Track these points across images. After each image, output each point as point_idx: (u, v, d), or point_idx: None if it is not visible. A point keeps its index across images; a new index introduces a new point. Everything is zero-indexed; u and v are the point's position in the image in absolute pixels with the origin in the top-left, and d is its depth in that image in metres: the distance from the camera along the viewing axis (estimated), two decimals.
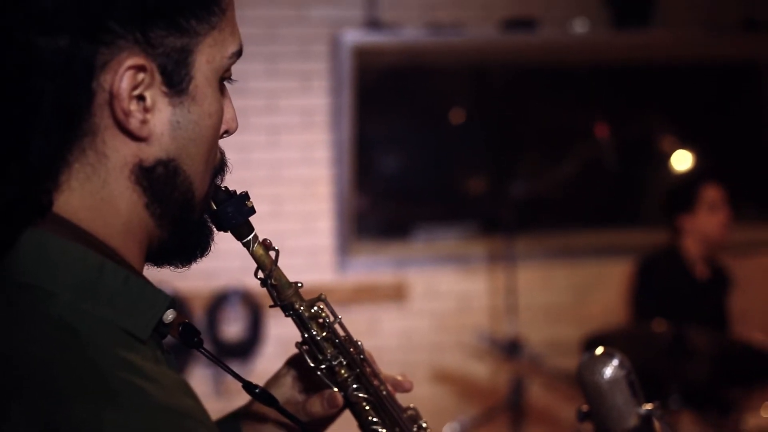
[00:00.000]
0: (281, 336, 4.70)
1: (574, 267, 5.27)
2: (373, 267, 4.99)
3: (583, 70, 5.60)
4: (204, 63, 1.07)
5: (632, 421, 1.55)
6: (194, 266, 1.18)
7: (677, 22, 5.15)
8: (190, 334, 1.15)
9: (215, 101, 1.10)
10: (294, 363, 1.40)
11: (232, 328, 4.78)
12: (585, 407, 1.61)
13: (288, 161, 4.78)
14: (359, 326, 4.91)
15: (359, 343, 1.33)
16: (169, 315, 1.09)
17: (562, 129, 5.68)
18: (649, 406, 1.57)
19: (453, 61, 5.32)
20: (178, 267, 1.17)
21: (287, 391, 1.38)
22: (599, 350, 1.60)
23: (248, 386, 1.25)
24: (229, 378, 1.30)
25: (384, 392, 1.34)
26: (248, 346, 4.76)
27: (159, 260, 1.15)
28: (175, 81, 1.04)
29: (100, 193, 1.04)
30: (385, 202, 5.59)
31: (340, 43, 4.63)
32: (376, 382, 1.34)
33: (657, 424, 1.59)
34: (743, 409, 4.52)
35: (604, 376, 1.56)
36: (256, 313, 4.73)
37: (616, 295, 5.21)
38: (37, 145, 0.99)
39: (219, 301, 4.72)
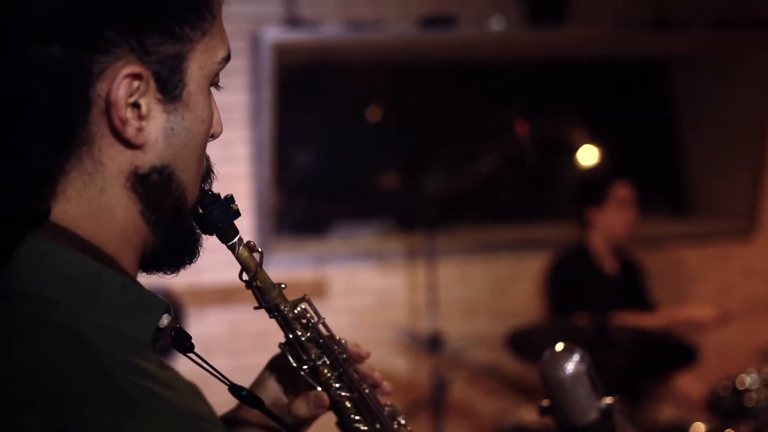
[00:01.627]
0: (202, 336, 4.66)
1: (492, 262, 5.33)
2: (293, 264, 4.98)
3: (500, 67, 5.66)
4: (196, 69, 1.08)
5: (593, 415, 1.59)
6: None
7: (591, 19, 5.23)
8: (182, 339, 1.16)
9: (207, 107, 1.11)
10: (275, 365, 1.40)
11: None
12: (546, 402, 1.64)
13: None
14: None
15: (343, 341, 1.34)
16: (164, 320, 1.09)
17: (478, 125, 5.74)
18: (609, 400, 1.61)
19: (371, 58, 5.34)
20: (167, 273, 1.17)
21: (271, 393, 1.39)
22: (560, 346, 1.63)
23: (235, 389, 1.26)
24: (211, 382, 1.30)
25: (366, 390, 1.35)
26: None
27: (149, 266, 1.15)
28: (170, 88, 1.05)
29: (97, 201, 1.04)
30: (303, 199, 5.58)
31: (260, 39, 4.61)
32: (358, 381, 1.35)
33: (616, 417, 1.63)
34: (658, 399, 4.63)
35: (566, 372, 1.59)
36: (177, 313, 4.68)
37: (535, 289, 5.29)
38: (34, 153, 0.99)
39: None
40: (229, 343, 4.77)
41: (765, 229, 5.74)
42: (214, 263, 4.70)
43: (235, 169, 4.76)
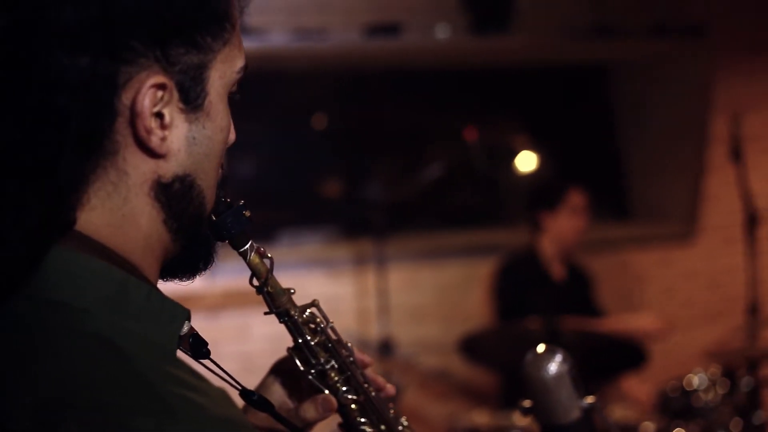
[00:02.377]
0: None
1: (441, 267, 5.37)
2: (240, 272, 4.92)
3: (444, 75, 5.71)
4: (217, 79, 1.09)
5: (575, 414, 1.62)
6: None
7: (534, 27, 5.30)
8: (199, 346, 1.17)
9: (226, 115, 1.12)
10: (280, 369, 1.42)
11: None
12: (527, 402, 1.66)
13: None
14: (229, 332, 4.89)
15: (350, 344, 1.37)
16: (185, 327, 1.10)
17: (423, 132, 5.79)
18: (590, 400, 1.64)
19: (317, 66, 5.36)
20: (183, 280, 1.18)
21: (278, 397, 1.40)
22: (542, 347, 1.66)
23: (246, 393, 1.27)
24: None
25: (372, 393, 1.37)
26: None
27: (167, 273, 1.16)
28: (192, 97, 1.06)
29: (121, 210, 1.05)
30: (249, 206, 5.56)
31: None
32: (365, 384, 1.37)
33: (597, 416, 1.67)
34: (608, 400, 4.70)
35: (549, 372, 1.61)
36: None
37: (484, 294, 5.33)
38: (62, 164, 0.99)
39: None
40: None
41: (705, 232, 5.85)
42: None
43: None
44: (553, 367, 1.64)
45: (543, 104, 5.97)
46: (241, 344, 4.86)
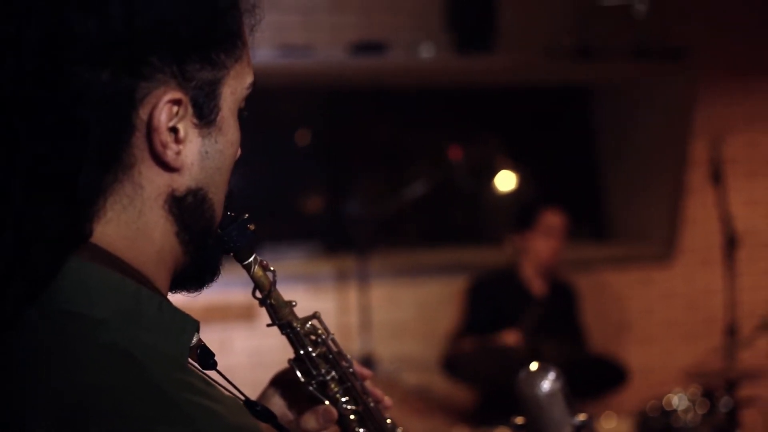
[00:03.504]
0: None
1: (422, 285, 5.40)
2: (223, 287, 4.91)
3: (428, 93, 5.75)
4: (229, 94, 1.11)
5: (567, 431, 1.63)
6: None
7: (516, 48, 5.35)
8: (206, 356, 1.19)
9: (236, 130, 1.15)
10: (280, 381, 1.45)
11: None
12: (519, 419, 1.67)
13: None
14: (211, 345, 4.87)
15: (350, 357, 1.39)
16: (195, 338, 1.12)
17: (406, 150, 5.82)
18: (582, 417, 1.66)
19: (302, 83, 5.38)
20: (191, 291, 1.20)
21: (278, 409, 1.42)
22: (535, 365, 1.68)
23: (249, 404, 1.28)
24: None
25: (371, 404, 1.40)
26: None
27: (175, 286, 1.18)
28: (205, 113, 1.08)
29: (136, 223, 1.06)
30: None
31: None
32: (364, 395, 1.39)
33: None
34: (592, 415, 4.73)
35: (543, 390, 1.63)
36: None
37: (459, 312, 5.36)
38: (76, 177, 1.01)
39: None
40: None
41: (684, 254, 5.89)
42: None
43: None
44: (546, 384, 1.65)
45: (525, 124, 6.01)
46: (223, 358, 4.85)
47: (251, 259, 1.28)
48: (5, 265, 1.00)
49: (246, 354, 5.01)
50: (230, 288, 4.86)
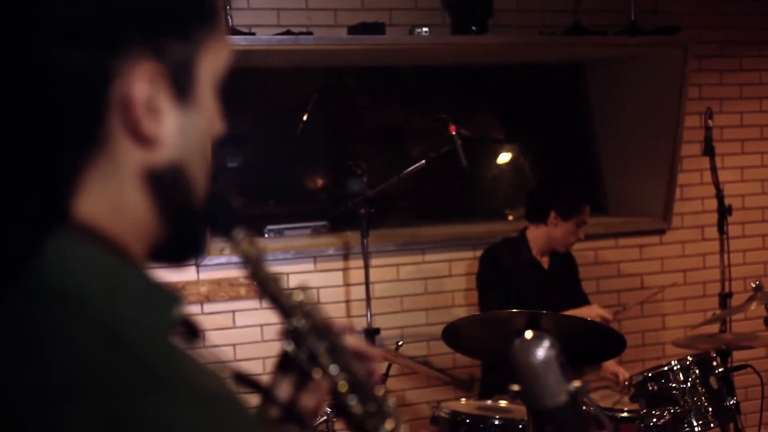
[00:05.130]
0: None
1: (422, 259, 5.50)
2: (229, 265, 5.05)
3: (426, 71, 5.83)
4: (205, 71, 1.11)
5: (562, 397, 1.71)
6: None
7: (511, 27, 5.46)
8: (192, 330, 1.21)
9: (214, 106, 1.15)
10: (282, 366, 1.47)
11: None
12: (516, 387, 1.76)
13: None
14: (217, 322, 5.00)
15: (338, 325, 1.42)
16: (178, 311, 1.12)
17: (404, 127, 5.90)
18: (576, 384, 1.74)
19: (303, 63, 5.44)
20: (173, 265, 1.20)
21: (284, 395, 1.45)
22: (529, 334, 1.75)
23: (238, 376, 1.32)
24: None
25: (361, 373, 1.42)
26: None
27: (157, 258, 1.17)
28: (181, 89, 1.08)
29: (114, 198, 1.06)
30: (237, 200, 5.66)
31: None
32: (353, 365, 1.41)
33: (583, 399, 1.77)
34: (588, 386, 4.84)
35: (538, 358, 1.69)
36: None
37: (463, 284, 5.48)
38: (55, 154, 1.03)
39: None
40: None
41: (678, 225, 5.99)
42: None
43: None
44: (541, 352, 1.69)
45: (520, 100, 6.07)
46: (230, 334, 5.01)
47: (238, 234, 1.28)
48: None
49: (253, 330, 5.09)
50: (235, 266, 5.00)
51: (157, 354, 1.00)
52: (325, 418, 3.90)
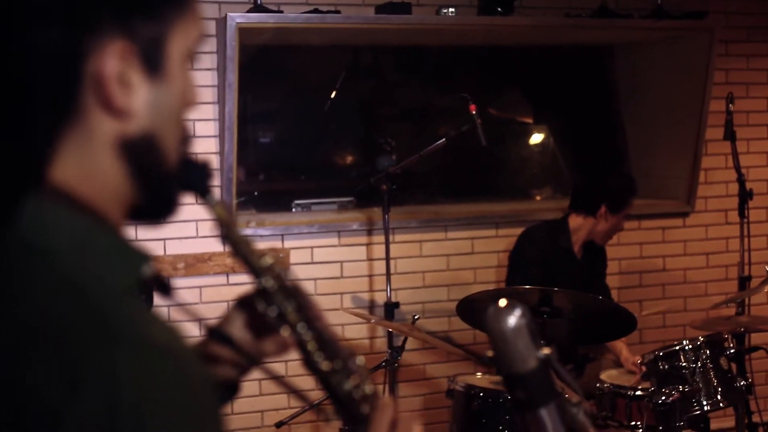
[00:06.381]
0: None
1: (444, 236, 5.56)
2: (256, 237, 5.12)
3: (453, 51, 5.88)
4: (175, 45, 1.19)
5: (532, 363, 1.76)
6: None
7: (538, 9, 5.50)
8: (162, 285, 1.32)
9: (185, 80, 1.23)
10: (244, 305, 1.54)
11: None
12: (490, 353, 1.82)
13: None
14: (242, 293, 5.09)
15: (304, 289, 1.49)
16: (148, 270, 1.20)
17: (430, 106, 5.96)
18: (546, 351, 1.81)
19: (331, 41, 5.51)
20: (149, 224, 1.31)
21: (239, 332, 1.53)
22: (503, 302, 1.82)
23: (209, 329, 1.45)
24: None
25: (326, 333, 1.49)
26: None
27: (133, 218, 1.26)
28: (153, 64, 1.16)
29: (89, 165, 1.15)
30: (265, 175, 5.76)
31: (226, 24, 4.76)
32: (319, 324, 1.48)
33: (552, 366, 1.84)
34: (600, 365, 4.90)
35: (509, 324, 1.74)
36: (166, 285, 4.81)
37: (482, 262, 5.54)
38: (32, 125, 1.12)
39: None
40: (196, 309, 4.94)
41: (701, 208, 6.01)
42: (180, 235, 4.88)
43: (201, 146, 4.91)
44: (512, 319, 1.71)
45: (548, 81, 6.10)
46: None
47: (210, 197, 1.35)
48: None
49: None
50: (261, 239, 5.11)
51: (117, 310, 1.09)
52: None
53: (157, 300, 1.39)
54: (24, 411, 1.04)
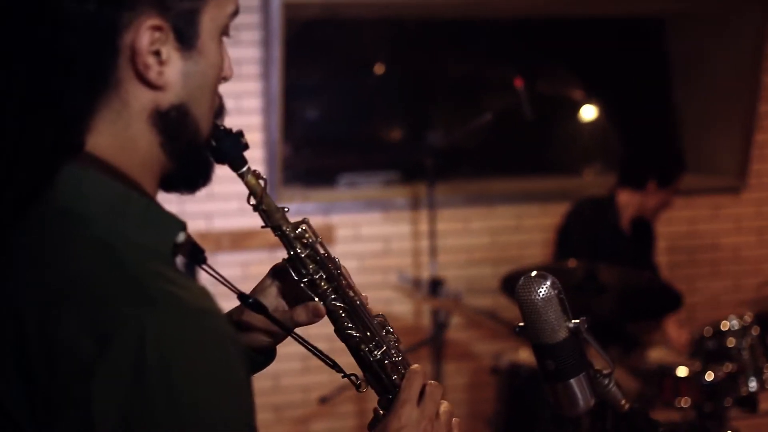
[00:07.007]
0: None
1: (490, 212, 5.52)
2: (301, 212, 5.12)
3: (500, 25, 5.82)
4: (209, 21, 1.24)
5: (562, 334, 1.74)
6: None
7: None
8: (196, 252, 1.36)
9: (217, 54, 1.28)
10: (277, 274, 1.58)
11: None
12: (521, 323, 1.80)
13: None
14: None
15: (336, 259, 1.52)
16: (182, 236, 1.26)
17: (478, 80, 5.91)
18: (576, 321, 1.78)
19: (377, 15, 5.48)
20: (183, 193, 1.36)
21: (272, 300, 1.57)
22: (534, 273, 1.79)
23: (242, 296, 1.45)
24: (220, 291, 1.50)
25: (358, 302, 1.52)
26: None
27: (168, 187, 1.34)
28: (186, 38, 1.22)
29: (123, 135, 1.22)
30: (311, 150, 5.75)
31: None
32: (351, 294, 1.52)
33: (583, 337, 1.80)
34: (646, 343, 4.84)
35: (539, 295, 1.72)
36: (201, 256, 4.85)
37: (529, 238, 5.49)
38: (69, 95, 1.18)
39: None
40: (239, 284, 4.96)
41: (754, 184, 5.92)
42: (225, 210, 4.90)
43: (246, 120, 4.91)
44: (543, 290, 1.71)
45: (598, 56, 6.01)
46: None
47: (245, 168, 1.39)
48: (4, 172, 1.17)
49: None
50: (306, 214, 5.09)
51: (149, 271, 1.14)
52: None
53: (201, 274, 1.45)
54: (57, 365, 1.08)
